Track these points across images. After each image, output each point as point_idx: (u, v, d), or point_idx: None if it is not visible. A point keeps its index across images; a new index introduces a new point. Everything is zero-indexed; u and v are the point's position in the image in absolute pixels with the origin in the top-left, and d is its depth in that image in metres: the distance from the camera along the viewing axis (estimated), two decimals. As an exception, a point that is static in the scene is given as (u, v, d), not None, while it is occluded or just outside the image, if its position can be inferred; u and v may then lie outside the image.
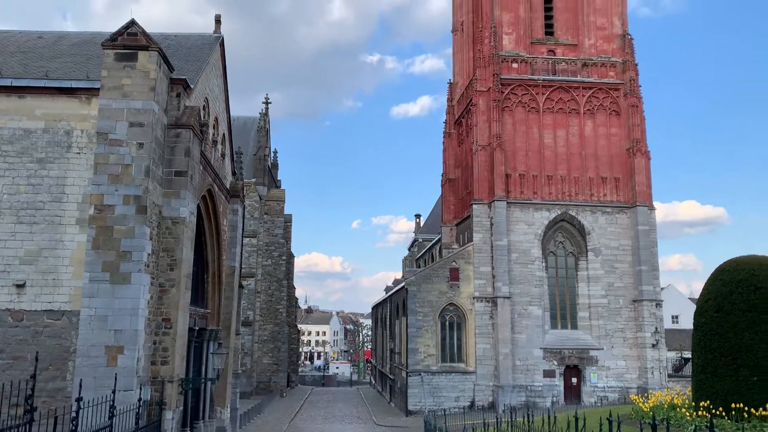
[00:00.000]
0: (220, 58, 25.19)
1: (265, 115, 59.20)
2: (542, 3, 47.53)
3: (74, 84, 17.97)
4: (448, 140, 54.22)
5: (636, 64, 45.70)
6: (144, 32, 17.54)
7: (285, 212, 57.87)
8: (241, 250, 30.76)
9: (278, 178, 65.15)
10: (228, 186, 26.72)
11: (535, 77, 45.36)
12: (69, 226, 17.19)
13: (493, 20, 45.87)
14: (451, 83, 55.38)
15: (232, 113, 29.23)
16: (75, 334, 16.22)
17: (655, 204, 44.33)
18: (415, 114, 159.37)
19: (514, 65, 45.63)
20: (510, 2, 46.20)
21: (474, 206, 43.48)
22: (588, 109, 45.51)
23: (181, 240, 18.19)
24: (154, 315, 17.46)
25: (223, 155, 26.20)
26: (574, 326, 43.21)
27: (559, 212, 43.73)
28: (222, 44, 25.26)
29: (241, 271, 29.40)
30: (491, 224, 42.80)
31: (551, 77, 45.58)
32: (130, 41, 17.39)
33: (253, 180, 53.75)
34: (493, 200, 42.62)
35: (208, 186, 22.56)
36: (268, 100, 60.67)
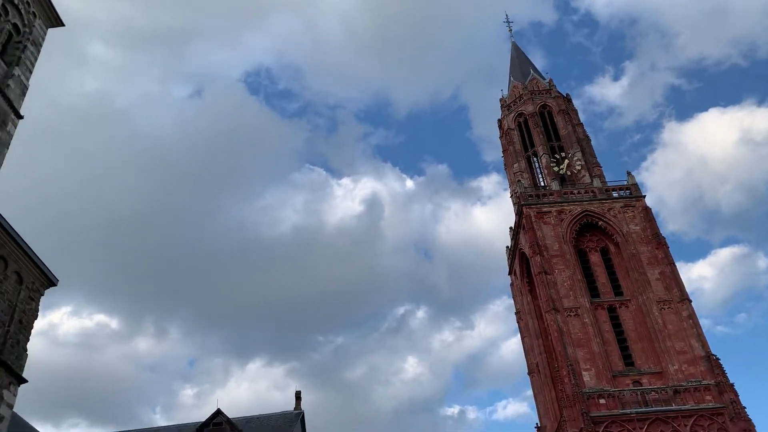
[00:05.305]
0: (301, 434, 25.20)
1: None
2: (614, 336, 47.55)
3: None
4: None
5: (732, 384, 42.95)
6: (229, 420, 17.99)
7: None
8: None
9: None
10: None
11: (627, 411, 42.73)
12: None
13: (567, 358, 45.48)
14: (538, 427, 52.76)
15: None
16: None
17: None
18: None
19: (602, 401, 43.57)
20: (581, 340, 46.36)
21: None
22: (696, 440, 41.51)
23: None
24: None
25: None
26: None
27: None
28: (302, 419, 25.52)
29: None
30: None
31: (644, 409, 42.82)
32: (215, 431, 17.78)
33: None
34: None
35: None
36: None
